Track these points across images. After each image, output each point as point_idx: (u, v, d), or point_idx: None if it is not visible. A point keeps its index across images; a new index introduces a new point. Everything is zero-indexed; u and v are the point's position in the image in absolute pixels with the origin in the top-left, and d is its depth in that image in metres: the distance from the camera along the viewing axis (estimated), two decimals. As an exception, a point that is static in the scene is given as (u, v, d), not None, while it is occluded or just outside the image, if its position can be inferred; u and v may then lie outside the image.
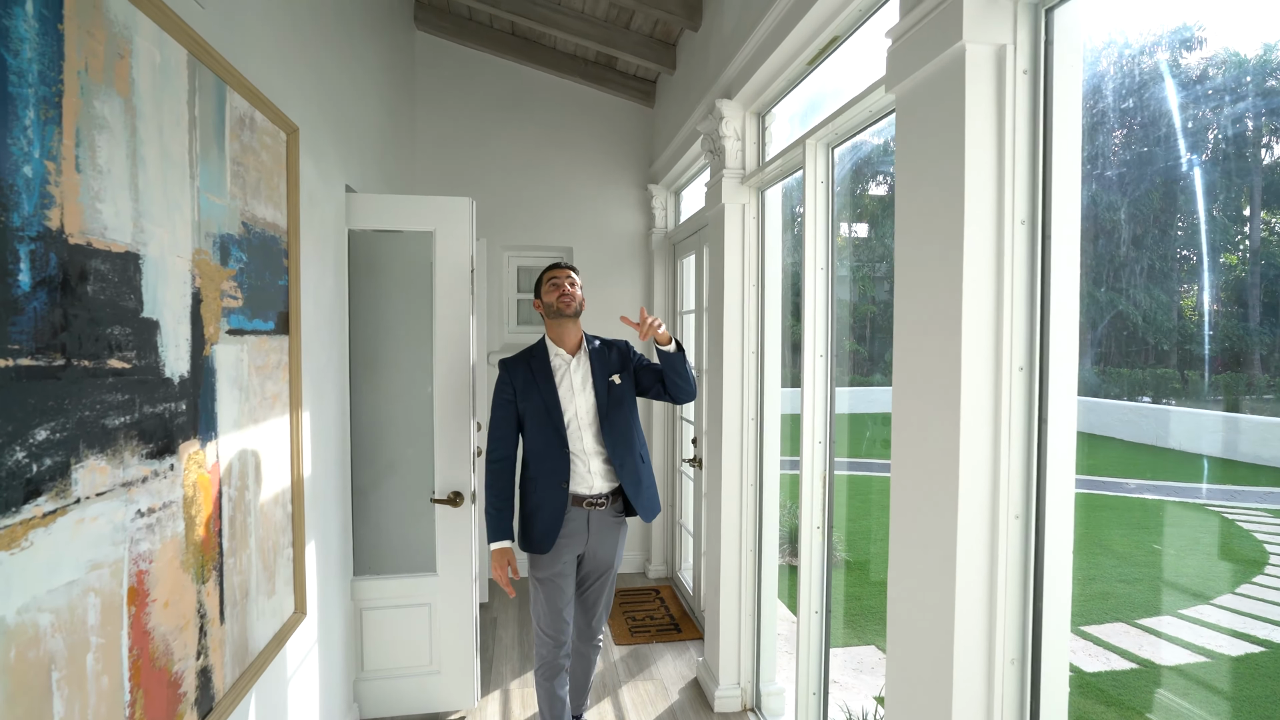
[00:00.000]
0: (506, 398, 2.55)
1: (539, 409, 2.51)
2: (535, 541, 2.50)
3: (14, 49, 0.94)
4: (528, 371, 2.54)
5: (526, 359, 2.58)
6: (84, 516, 1.09)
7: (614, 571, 2.67)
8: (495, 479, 2.53)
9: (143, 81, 1.27)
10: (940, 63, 1.40)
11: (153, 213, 1.30)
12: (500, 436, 2.55)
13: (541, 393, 2.51)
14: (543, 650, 2.58)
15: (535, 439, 2.53)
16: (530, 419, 2.53)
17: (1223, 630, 3.47)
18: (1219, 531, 3.76)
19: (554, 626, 2.55)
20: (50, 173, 1.01)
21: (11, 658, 0.93)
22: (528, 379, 2.53)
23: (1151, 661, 3.76)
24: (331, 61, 2.62)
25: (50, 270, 1.02)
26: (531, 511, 2.52)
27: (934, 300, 1.43)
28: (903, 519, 1.55)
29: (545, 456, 2.51)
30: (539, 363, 2.56)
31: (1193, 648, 3.56)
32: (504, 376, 2.56)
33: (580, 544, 2.56)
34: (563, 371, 2.55)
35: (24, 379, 0.96)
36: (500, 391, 2.56)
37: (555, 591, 2.54)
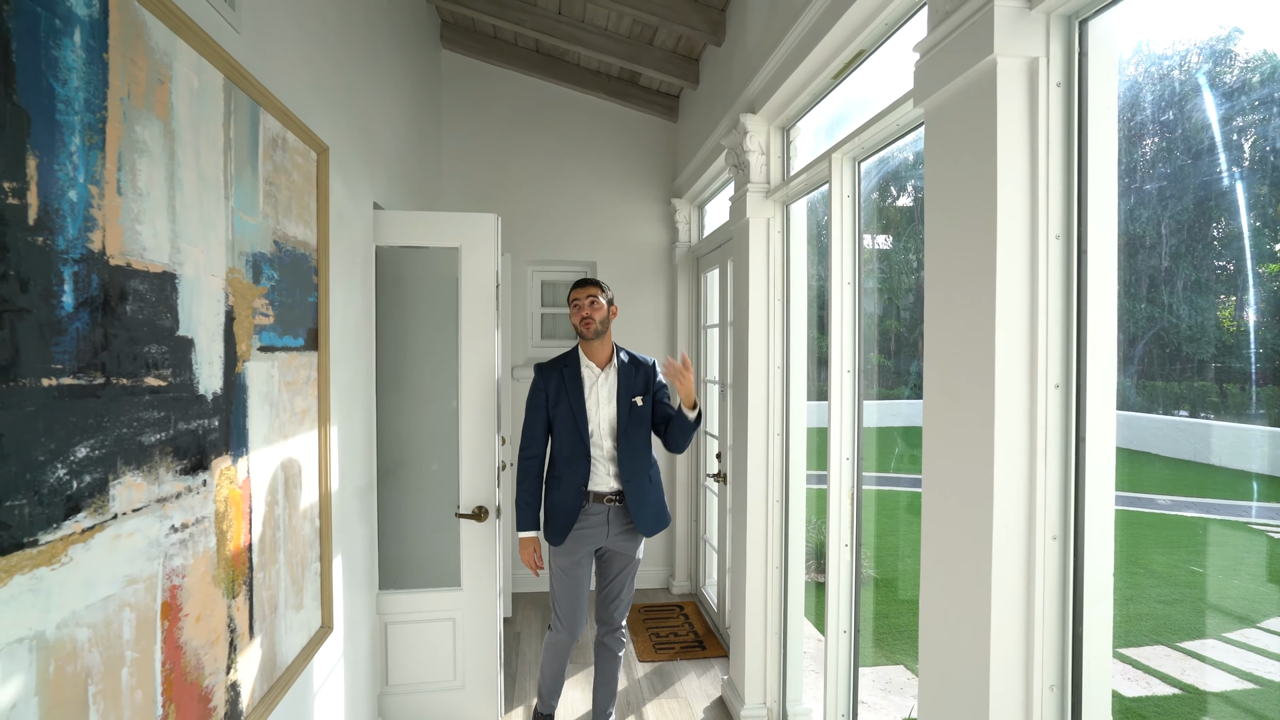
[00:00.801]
0: (540, 401, 2.77)
1: (567, 416, 2.73)
2: (555, 533, 2.73)
3: (62, 78, 0.96)
4: (560, 380, 2.76)
5: (560, 367, 2.79)
6: (120, 532, 1.11)
7: (634, 565, 2.86)
8: (526, 475, 2.77)
9: (181, 106, 1.30)
10: (971, 76, 1.39)
11: (189, 233, 1.33)
12: (534, 436, 2.78)
13: (570, 401, 2.73)
14: (557, 633, 2.85)
15: (562, 442, 2.75)
16: (559, 424, 2.75)
17: (1271, 655, 3.35)
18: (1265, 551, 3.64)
19: (569, 613, 2.81)
20: (93, 196, 1.04)
21: (51, 672, 0.94)
22: (560, 386, 2.76)
23: (1196, 687, 3.63)
24: (360, 81, 2.67)
25: (92, 291, 1.04)
26: (554, 505, 2.74)
27: (966, 317, 1.41)
28: (935, 541, 1.51)
29: (569, 459, 2.73)
30: (571, 372, 2.77)
31: (1239, 673, 3.43)
32: (539, 381, 2.79)
33: (601, 537, 2.77)
34: (591, 383, 2.77)
35: (66, 398, 0.98)
36: (535, 395, 2.79)
37: (572, 580, 2.78)
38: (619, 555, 2.82)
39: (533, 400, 2.78)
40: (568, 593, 2.79)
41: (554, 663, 2.91)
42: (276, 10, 1.83)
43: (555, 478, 2.77)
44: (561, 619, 2.82)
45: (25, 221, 0.90)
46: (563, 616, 2.82)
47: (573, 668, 3.70)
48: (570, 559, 2.75)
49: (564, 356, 2.82)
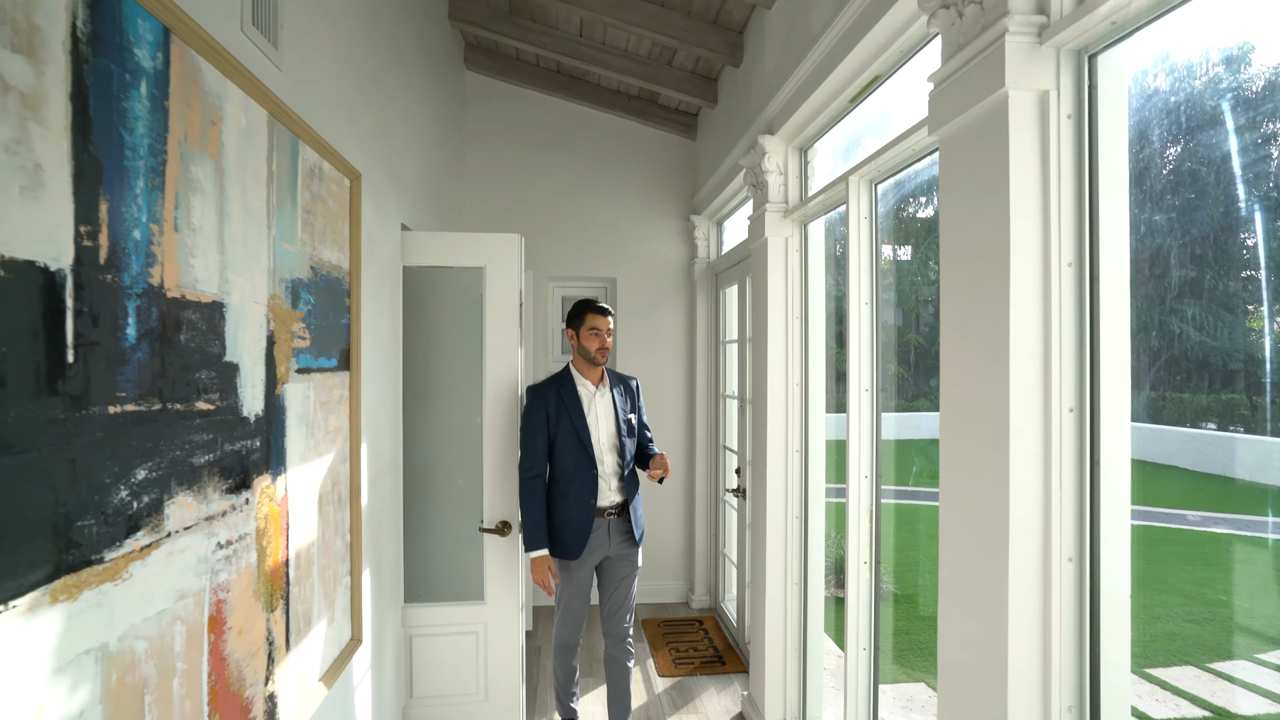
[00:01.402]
0: (540, 421, 2.82)
1: (570, 433, 2.81)
2: (568, 549, 2.81)
3: (130, 127, 1.04)
4: (559, 398, 2.83)
5: (555, 386, 2.86)
6: (173, 549, 1.18)
7: (636, 572, 2.97)
8: (532, 493, 2.81)
9: (230, 144, 1.38)
10: (983, 108, 1.43)
11: (235, 263, 1.40)
12: (536, 454, 2.82)
13: (572, 419, 2.81)
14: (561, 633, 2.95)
15: (567, 459, 2.82)
16: (562, 441, 2.81)
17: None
18: None
19: (572, 624, 2.91)
20: (154, 234, 1.11)
21: (113, 682, 1.01)
22: (559, 405, 2.83)
23: (1226, 710, 3.58)
24: (390, 107, 2.76)
25: (151, 323, 1.11)
26: (565, 522, 2.82)
27: (980, 343, 1.44)
28: (952, 564, 1.54)
29: (575, 476, 2.81)
30: (569, 391, 2.85)
31: (1274, 696, 3.38)
32: (537, 402, 2.84)
33: (604, 549, 2.87)
34: (589, 401, 2.87)
35: (129, 424, 1.05)
36: (534, 414, 2.83)
37: (578, 592, 2.88)
38: (621, 563, 2.91)
39: (532, 420, 2.83)
40: (577, 596, 2.88)
41: (566, 662, 2.99)
42: (315, 46, 1.91)
43: (561, 494, 2.83)
44: (569, 621, 2.91)
45: (97, 261, 0.97)
46: (570, 619, 2.90)
47: (589, 681, 3.73)
48: (579, 573, 2.85)
49: (557, 376, 2.90)
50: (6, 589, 0.82)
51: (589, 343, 2.83)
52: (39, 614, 0.87)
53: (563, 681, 3.04)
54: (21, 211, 0.84)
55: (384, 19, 2.68)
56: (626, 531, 2.90)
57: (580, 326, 2.85)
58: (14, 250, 0.83)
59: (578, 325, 2.86)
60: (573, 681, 3.06)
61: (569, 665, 3.02)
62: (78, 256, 0.94)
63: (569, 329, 2.90)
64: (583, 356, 2.87)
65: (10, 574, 0.82)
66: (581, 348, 2.86)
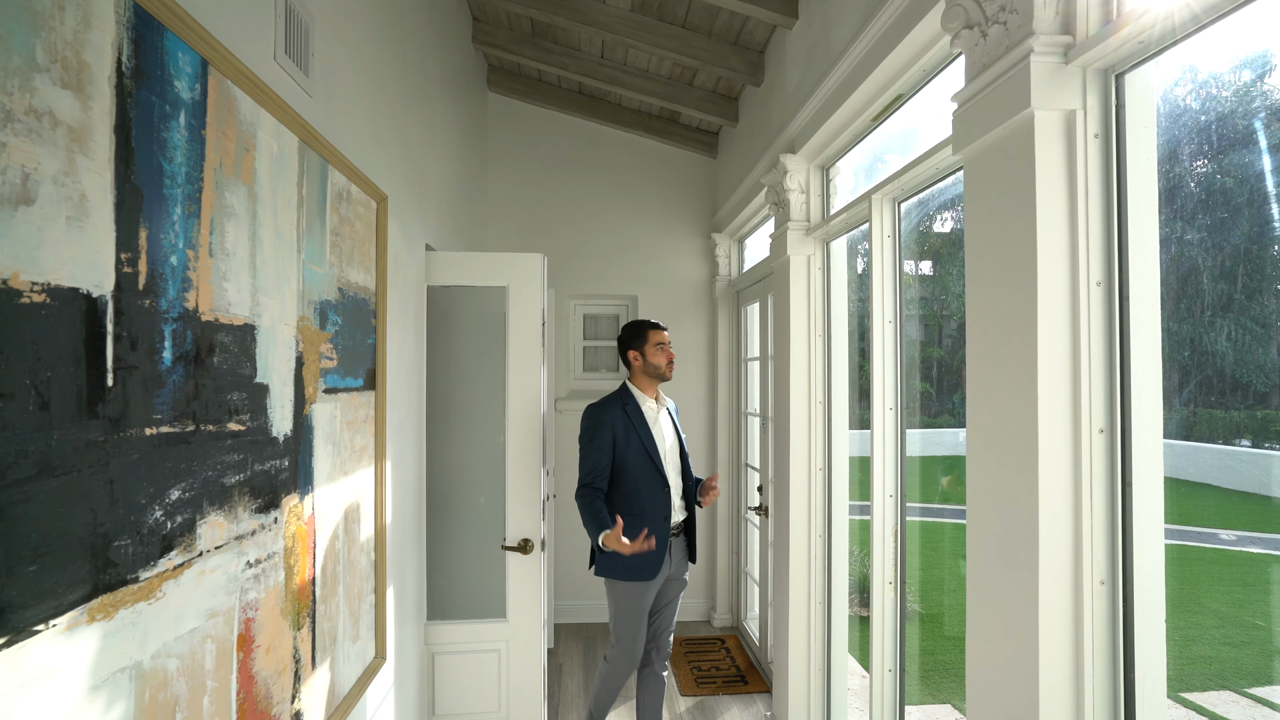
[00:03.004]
0: (608, 439, 2.77)
1: (639, 451, 2.78)
2: (645, 570, 2.75)
3: (169, 156, 1.07)
4: (625, 417, 2.81)
5: (620, 405, 2.83)
6: (205, 568, 1.19)
7: (682, 591, 2.97)
8: (594, 499, 2.75)
9: (263, 170, 1.41)
10: (1009, 128, 1.42)
11: (266, 286, 1.43)
12: (600, 470, 2.77)
13: (640, 436, 2.79)
14: (617, 663, 2.87)
15: (637, 478, 2.78)
16: (633, 460, 2.78)
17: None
18: None
19: (637, 647, 2.84)
20: (190, 260, 1.14)
21: (146, 700, 1.02)
22: (627, 423, 2.80)
23: (1267, 736, 3.46)
24: (415, 129, 2.81)
25: (187, 346, 1.14)
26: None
27: (1008, 364, 1.43)
28: (980, 587, 1.52)
29: (648, 494, 2.78)
30: (634, 409, 2.83)
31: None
32: (603, 419, 2.79)
33: (668, 567, 2.85)
34: (653, 419, 2.87)
35: (164, 445, 1.07)
36: (600, 432, 2.78)
37: (643, 614, 2.82)
38: (676, 583, 2.91)
39: (599, 436, 2.77)
40: (639, 623, 2.82)
41: (614, 688, 2.92)
42: (343, 72, 1.96)
43: (635, 516, 2.77)
44: (626, 650, 2.83)
45: (136, 287, 1.00)
46: (630, 647, 2.83)
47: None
48: (647, 595, 2.79)
49: (619, 395, 2.88)
50: (47, 608, 0.84)
51: (658, 358, 2.83)
52: (77, 633, 0.89)
53: (606, 702, 2.98)
54: (67, 241, 0.87)
55: (410, 44, 2.74)
56: (685, 551, 2.91)
57: (645, 344, 2.85)
58: (60, 278, 0.85)
59: (641, 344, 2.85)
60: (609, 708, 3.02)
61: (615, 690, 2.96)
62: (118, 283, 0.96)
63: (630, 350, 2.88)
64: (649, 374, 2.86)
65: (51, 593, 0.84)
66: (650, 365, 2.84)
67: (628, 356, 2.90)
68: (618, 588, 2.80)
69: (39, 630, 0.82)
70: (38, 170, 0.82)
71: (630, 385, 2.90)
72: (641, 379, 2.88)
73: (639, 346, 2.86)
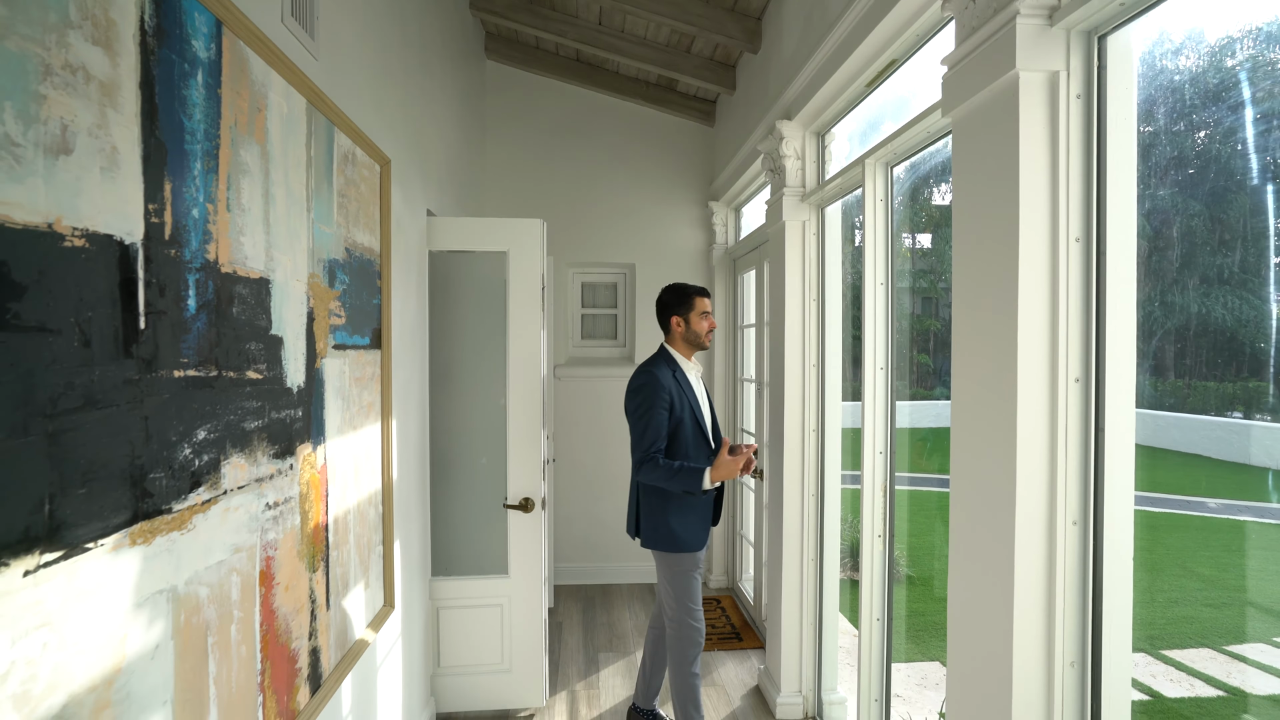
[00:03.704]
0: (666, 401, 2.66)
1: (690, 416, 2.72)
2: (698, 539, 2.71)
3: (189, 113, 1.12)
4: (676, 383, 2.73)
5: (670, 369, 2.76)
6: (229, 506, 1.27)
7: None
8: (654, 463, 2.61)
9: (274, 130, 1.46)
10: (995, 89, 1.47)
11: (280, 243, 1.49)
12: (662, 433, 2.65)
13: (690, 402, 2.74)
14: (693, 640, 2.74)
15: (689, 444, 2.71)
16: (685, 425, 2.70)
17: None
18: None
19: (699, 615, 2.75)
20: (210, 213, 1.20)
21: (182, 621, 1.10)
22: (679, 389, 2.73)
23: (1241, 689, 3.60)
24: (416, 96, 2.84)
25: (208, 296, 1.20)
26: (690, 512, 2.71)
27: (991, 314, 1.49)
28: (962, 523, 1.60)
29: (698, 460, 2.71)
30: (681, 375, 2.78)
31: (1290, 676, 3.39)
32: (661, 384, 2.67)
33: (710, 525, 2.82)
34: (696, 385, 2.84)
35: (190, 388, 1.14)
36: (659, 395, 2.65)
37: (699, 579, 2.76)
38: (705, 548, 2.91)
39: (658, 400, 2.65)
40: (698, 588, 2.76)
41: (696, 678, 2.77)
42: (347, 36, 1.99)
43: None
44: (696, 618, 2.73)
45: (163, 236, 1.06)
46: (697, 614, 2.74)
47: (609, 655, 3.83)
48: (699, 562, 2.75)
49: (663, 359, 2.79)
50: (95, 528, 0.91)
51: (701, 325, 2.77)
52: (121, 554, 0.96)
53: (696, 698, 2.78)
54: (102, 190, 0.92)
55: (410, 9, 2.75)
56: (718, 504, 2.87)
57: (690, 311, 2.77)
58: (96, 225, 0.91)
59: (686, 310, 2.77)
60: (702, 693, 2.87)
61: (699, 675, 2.80)
62: (147, 232, 1.02)
63: (674, 316, 2.79)
64: (690, 341, 2.80)
65: (98, 515, 0.91)
66: (691, 332, 2.78)
67: (670, 322, 2.81)
68: (675, 560, 2.71)
69: (89, 548, 0.90)
70: (74, 122, 0.87)
71: (671, 350, 2.82)
72: (681, 345, 2.82)
73: (683, 313, 2.78)
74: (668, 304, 2.82)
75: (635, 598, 4.71)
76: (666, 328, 2.84)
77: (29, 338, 0.80)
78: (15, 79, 0.78)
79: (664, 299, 2.84)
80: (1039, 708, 1.42)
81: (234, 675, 1.28)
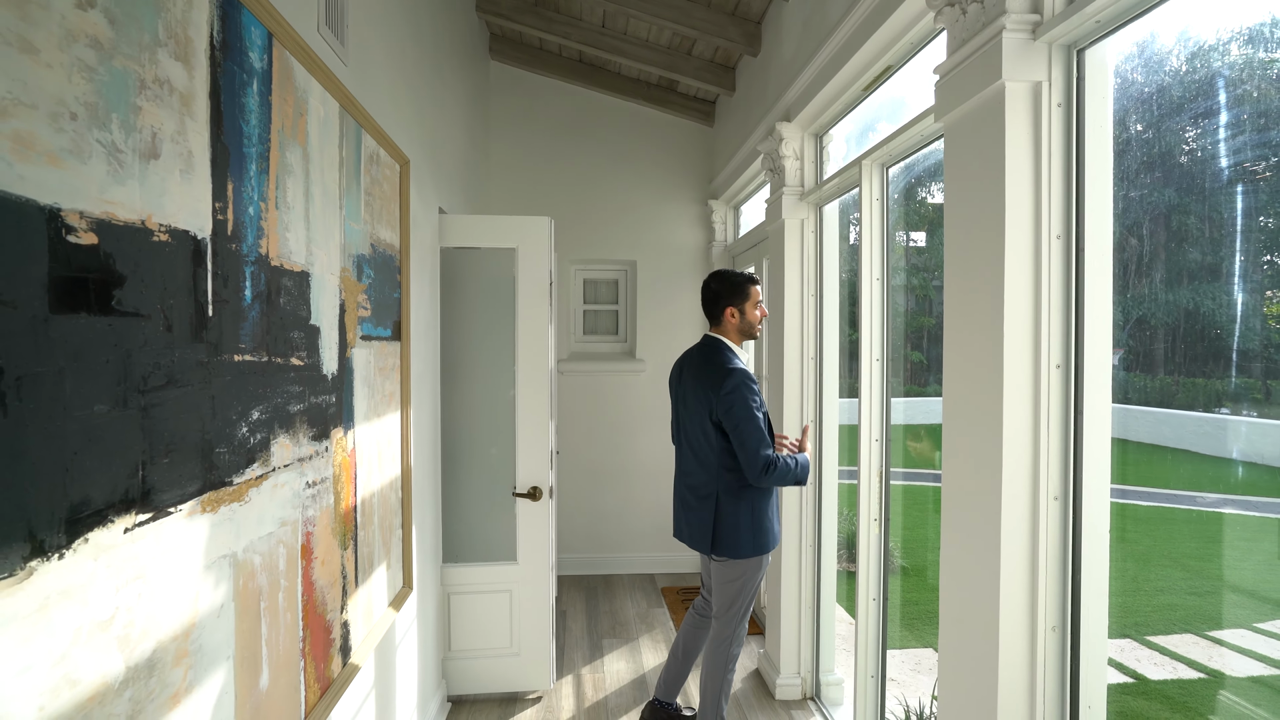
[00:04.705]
0: (761, 399, 2.55)
1: (766, 415, 2.57)
2: (775, 540, 2.63)
3: (246, 119, 1.23)
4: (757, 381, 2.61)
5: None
6: (278, 482, 1.37)
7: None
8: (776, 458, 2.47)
9: (313, 133, 1.56)
10: (983, 98, 1.59)
11: (318, 238, 1.59)
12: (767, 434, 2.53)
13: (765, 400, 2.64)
14: (740, 646, 2.71)
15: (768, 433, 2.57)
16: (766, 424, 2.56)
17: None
18: None
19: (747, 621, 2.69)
20: (262, 210, 1.30)
21: (240, 585, 1.21)
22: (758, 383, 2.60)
23: (1221, 672, 3.74)
24: (428, 96, 2.94)
25: (261, 287, 1.30)
26: (772, 511, 2.62)
27: (980, 304, 1.61)
28: (954, 499, 1.72)
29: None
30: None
31: (1270, 660, 3.53)
32: (755, 385, 2.54)
33: None
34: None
35: (247, 371, 1.24)
36: (755, 393, 2.51)
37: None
38: None
39: (755, 399, 2.50)
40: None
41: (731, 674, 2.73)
42: (371, 41, 2.09)
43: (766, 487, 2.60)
44: (745, 623, 2.67)
45: (226, 232, 1.16)
46: (747, 620, 2.67)
47: (612, 641, 3.95)
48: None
49: (728, 350, 2.65)
50: (175, 495, 1.01)
51: (755, 315, 2.64)
52: (194, 520, 1.07)
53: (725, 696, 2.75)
54: (181, 190, 1.03)
55: (424, 13, 2.85)
56: None
57: (745, 300, 2.62)
58: (177, 221, 1.02)
59: (742, 300, 2.62)
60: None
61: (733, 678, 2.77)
62: (214, 228, 1.13)
63: (729, 307, 2.63)
64: (743, 332, 2.66)
65: (177, 484, 1.02)
66: (745, 322, 2.64)
67: (723, 312, 2.65)
68: (758, 564, 2.60)
69: (171, 512, 1.00)
70: (161, 130, 0.98)
71: (727, 343, 2.65)
72: (734, 335, 2.66)
73: (739, 303, 2.63)
74: (719, 293, 2.66)
75: (637, 587, 4.83)
76: (717, 318, 2.67)
77: (128, 322, 0.91)
78: (120, 93, 0.88)
79: (714, 288, 2.67)
80: (1023, 669, 1.54)
81: (281, 639, 1.39)
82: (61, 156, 0.79)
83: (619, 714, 3.20)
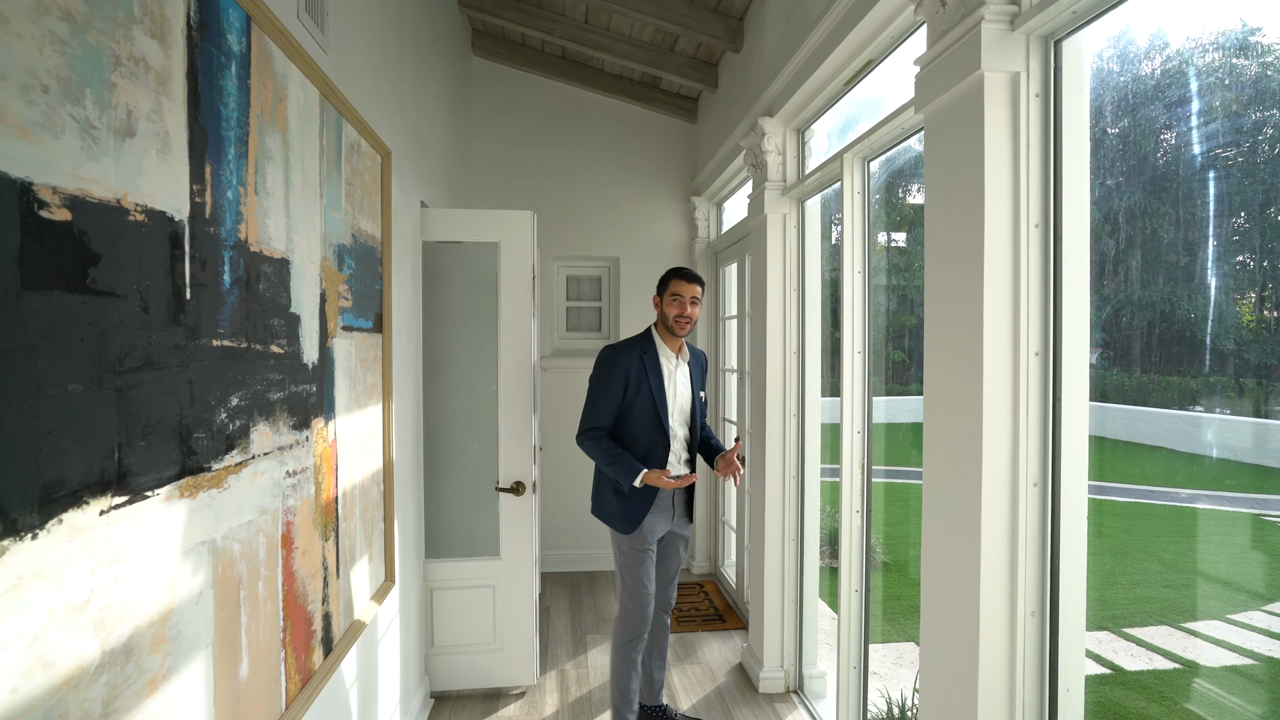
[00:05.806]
0: (619, 383, 2.69)
1: (648, 403, 2.70)
2: (631, 521, 2.69)
3: (224, 102, 1.21)
4: (641, 365, 2.71)
5: (638, 352, 2.74)
6: (257, 470, 1.36)
7: (688, 545, 2.97)
8: (600, 442, 2.70)
9: (293, 119, 1.55)
10: (962, 88, 1.60)
11: (298, 226, 1.58)
12: (606, 413, 2.71)
13: (652, 387, 2.71)
14: (631, 622, 2.74)
15: (639, 430, 2.72)
16: (638, 409, 2.71)
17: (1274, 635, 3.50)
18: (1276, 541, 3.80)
19: (642, 599, 2.73)
20: (241, 196, 1.29)
21: (219, 572, 1.19)
22: (641, 372, 2.71)
23: (1195, 662, 3.81)
24: (411, 89, 2.92)
25: (240, 272, 1.29)
26: (629, 493, 2.69)
27: (959, 294, 1.62)
28: (935, 485, 1.73)
29: (647, 444, 2.72)
30: (651, 359, 2.74)
31: (1242, 651, 3.60)
32: (617, 362, 2.70)
33: (668, 522, 2.81)
34: (669, 372, 2.78)
35: (225, 357, 1.23)
36: (613, 375, 2.69)
37: (646, 564, 2.73)
38: (679, 538, 2.88)
39: (610, 379, 2.68)
40: (644, 579, 2.72)
41: (632, 656, 2.76)
42: (352, 30, 2.08)
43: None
44: (636, 600, 2.72)
45: (204, 215, 1.15)
46: (639, 597, 2.72)
47: (598, 637, 3.94)
48: (646, 544, 2.72)
49: (640, 341, 2.78)
50: (152, 479, 1.00)
51: (668, 309, 2.72)
52: (172, 504, 1.05)
53: (625, 683, 2.77)
54: (157, 170, 1.01)
55: (406, 6, 2.83)
56: (687, 505, 2.87)
57: (664, 293, 2.75)
58: (153, 202, 1.00)
59: (661, 292, 2.76)
60: (637, 680, 2.81)
61: (635, 661, 2.78)
62: (192, 211, 1.11)
63: (656, 296, 2.80)
64: (663, 323, 2.77)
65: (155, 467, 1.00)
66: (661, 314, 2.76)
67: (657, 301, 2.81)
68: (615, 539, 2.76)
69: (148, 495, 0.99)
70: (137, 108, 0.96)
71: (654, 333, 2.80)
72: (660, 326, 2.80)
73: (661, 293, 2.77)
74: (658, 285, 2.83)
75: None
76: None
77: (103, 301, 0.89)
78: (94, 69, 0.87)
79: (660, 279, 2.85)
80: (1003, 652, 1.55)
81: (261, 629, 1.37)
82: (33, 129, 0.78)
83: (603, 709, 3.20)
